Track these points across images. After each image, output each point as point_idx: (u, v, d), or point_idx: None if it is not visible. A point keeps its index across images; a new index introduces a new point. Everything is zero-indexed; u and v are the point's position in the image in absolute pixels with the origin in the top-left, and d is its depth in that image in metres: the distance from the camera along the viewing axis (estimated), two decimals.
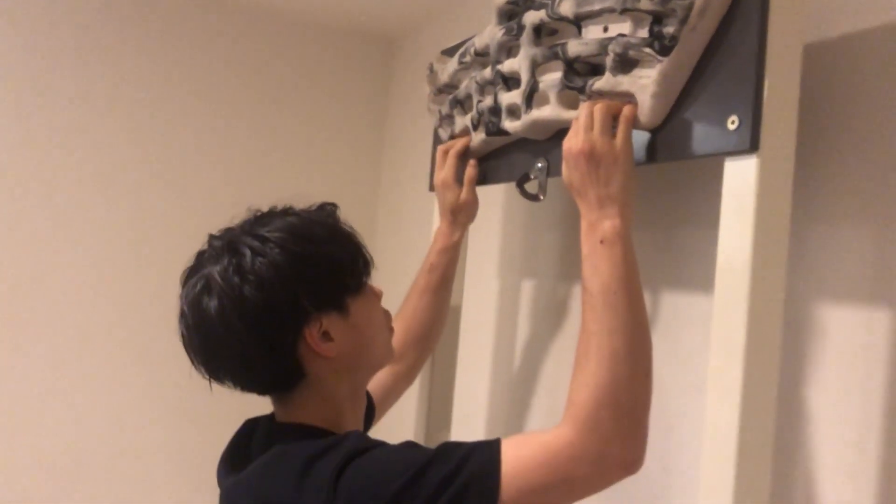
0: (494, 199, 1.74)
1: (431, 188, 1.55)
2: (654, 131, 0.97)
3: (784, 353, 0.88)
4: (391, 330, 1.07)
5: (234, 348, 0.91)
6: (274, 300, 0.90)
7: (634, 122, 0.97)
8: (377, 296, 1.04)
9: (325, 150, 2.38)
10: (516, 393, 1.62)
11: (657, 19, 0.94)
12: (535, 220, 1.61)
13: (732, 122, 0.86)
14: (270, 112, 2.31)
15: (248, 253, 0.91)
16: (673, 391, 1.21)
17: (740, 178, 0.85)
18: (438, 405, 1.54)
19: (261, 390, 0.97)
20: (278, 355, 0.92)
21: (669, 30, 0.90)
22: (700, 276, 1.19)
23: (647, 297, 1.28)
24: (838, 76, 0.99)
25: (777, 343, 0.86)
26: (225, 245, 0.94)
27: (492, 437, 0.87)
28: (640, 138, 0.99)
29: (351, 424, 0.98)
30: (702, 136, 0.90)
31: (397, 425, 2.07)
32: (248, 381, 0.96)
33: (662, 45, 0.91)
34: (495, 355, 1.71)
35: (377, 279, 1.05)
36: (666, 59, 0.91)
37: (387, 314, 1.07)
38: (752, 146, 0.84)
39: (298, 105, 2.34)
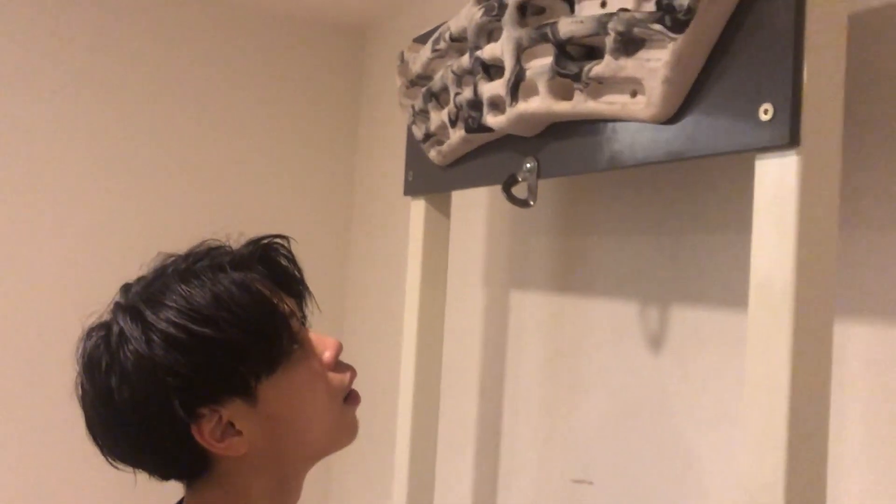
0: (477, 201, 1.58)
1: (405, 192, 1.39)
2: (666, 124, 0.81)
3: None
4: (350, 398, 0.84)
5: (113, 437, 0.76)
6: (142, 399, 0.72)
7: (641, 115, 0.81)
8: (322, 362, 0.82)
9: (295, 147, 2.21)
10: (506, 413, 1.47)
11: None
12: (523, 224, 1.46)
13: (766, 112, 0.70)
14: (237, 108, 2.13)
15: (116, 335, 0.74)
16: (686, 424, 1.06)
17: (777, 178, 0.70)
18: (422, 425, 1.38)
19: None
20: (161, 456, 0.76)
21: (684, 1, 0.74)
22: (713, 289, 1.04)
23: (654, 313, 1.13)
24: (886, 51, 0.84)
25: (828, 376, 0.71)
26: (108, 314, 0.78)
27: (480, 462, 0.71)
28: (648, 133, 0.83)
29: None
30: (726, 129, 0.75)
31: (381, 449, 1.91)
32: (138, 466, 0.79)
33: (675, 20, 0.75)
34: (482, 371, 1.55)
35: (350, 286, 0.88)
36: (680, 37, 0.75)
37: (343, 373, 0.84)
38: (792, 140, 0.68)
39: (266, 99, 2.17)
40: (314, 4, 2.07)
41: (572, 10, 0.91)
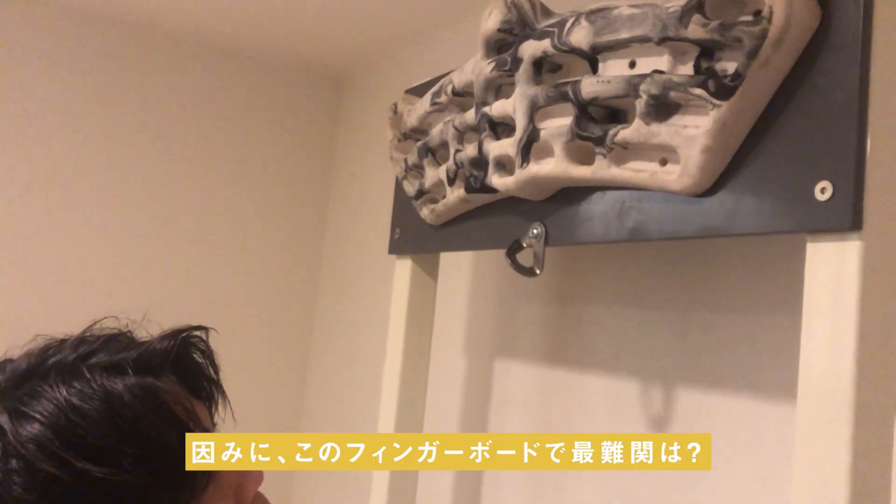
0: (461, 262, 1.50)
1: (391, 251, 1.31)
2: (700, 196, 0.74)
3: None
4: None
5: None
6: None
7: (672, 186, 0.74)
8: (238, 500, 0.62)
9: (260, 200, 2.11)
10: (485, 496, 1.36)
11: (706, 52, 0.72)
12: (510, 289, 1.38)
13: (823, 191, 0.64)
14: (203, 153, 2.03)
15: None
16: None
17: (835, 265, 0.63)
18: None
19: None
20: None
21: (730, 65, 0.68)
22: (728, 372, 0.96)
23: (657, 393, 1.05)
24: None
25: (888, 481, 0.63)
26: None
27: None
28: (679, 205, 0.76)
29: None
30: (773, 206, 0.68)
31: None
32: None
33: (721, 86, 0.68)
34: None
35: (316, 343, 0.78)
36: (725, 104, 0.68)
37: None
38: (855, 224, 0.61)
39: (236, 145, 2.07)
40: (290, 51, 1.99)
41: (594, 70, 0.84)
